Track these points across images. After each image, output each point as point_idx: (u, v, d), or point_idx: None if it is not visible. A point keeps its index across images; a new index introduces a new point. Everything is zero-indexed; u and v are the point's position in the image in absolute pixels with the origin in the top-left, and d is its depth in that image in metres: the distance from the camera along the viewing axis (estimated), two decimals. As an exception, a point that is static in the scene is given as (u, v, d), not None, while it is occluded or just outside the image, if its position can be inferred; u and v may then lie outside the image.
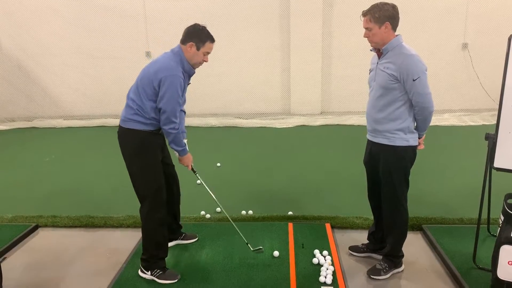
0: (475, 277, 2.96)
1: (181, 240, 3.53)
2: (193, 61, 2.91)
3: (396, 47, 2.74)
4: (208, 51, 2.92)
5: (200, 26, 2.89)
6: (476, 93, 8.03)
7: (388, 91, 2.76)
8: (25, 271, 3.28)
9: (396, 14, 2.71)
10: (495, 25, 7.74)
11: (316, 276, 3.03)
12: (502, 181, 3.30)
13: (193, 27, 2.89)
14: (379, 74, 2.80)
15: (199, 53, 2.88)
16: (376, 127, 2.88)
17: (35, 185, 5.04)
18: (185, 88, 2.93)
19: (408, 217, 3.02)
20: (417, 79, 2.65)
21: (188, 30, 2.89)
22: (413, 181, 2.98)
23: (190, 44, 2.85)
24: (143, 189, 2.97)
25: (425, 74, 2.69)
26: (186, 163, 3.13)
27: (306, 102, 8.23)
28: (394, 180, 2.87)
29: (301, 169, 5.37)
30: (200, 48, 2.87)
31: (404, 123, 2.79)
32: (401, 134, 2.80)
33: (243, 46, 8.14)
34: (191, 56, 2.88)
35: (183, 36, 2.91)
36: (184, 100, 3.05)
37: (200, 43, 2.86)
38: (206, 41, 2.88)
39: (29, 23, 8.16)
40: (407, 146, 2.82)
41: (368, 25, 2.73)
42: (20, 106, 8.55)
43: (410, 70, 2.65)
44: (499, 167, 2.85)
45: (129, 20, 8.07)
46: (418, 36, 7.69)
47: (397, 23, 2.74)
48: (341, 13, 7.82)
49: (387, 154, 2.87)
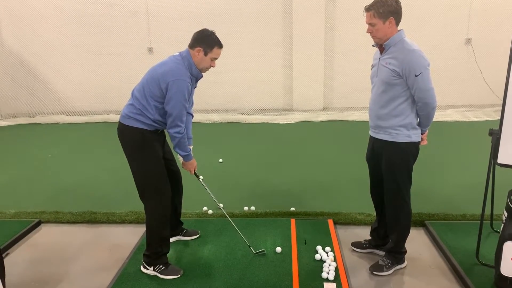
0: (478, 273, 2.95)
1: (182, 236, 3.53)
2: (200, 66, 2.91)
3: (398, 42, 2.71)
4: (216, 57, 2.93)
5: (208, 32, 2.89)
6: (480, 88, 8.00)
7: (391, 86, 2.74)
8: (28, 266, 3.29)
9: (399, 9, 2.69)
10: (499, 20, 7.71)
11: (318, 272, 3.03)
12: (505, 177, 3.29)
13: (202, 32, 2.89)
14: (381, 70, 2.78)
15: (207, 59, 2.89)
16: (379, 123, 2.86)
17: (37, 181, 5.05)
18: (192, 92, 2.95)
19: (411, 213, 3.01)
20: (420, 74, 2.63)
21: (197, 35, 2.89)
22: (415, 177, 2.96)
23: (198, 49, 2.85)
24: (145, 185, 2.97)
25: (428, 69, 2.66)
26: (189, 168, 3.15)
27: (309, 98, 8.21)
28: (397, 176, 2.86)
29: (304, 165, 5.37)
30: (208, 54, 2.87)
31: (407, 119, 2.77)
32: (404, 130, 2.78)
33: (245, 42, 8.12)
34: (199, 61, 2.89)
35: (191, 41, 2.91)
36: (192, 103, 3.09)
37: (208, 48, 2.86)
38: (214, 47, 2.88)
39: (31, 19, 8.17)
40: (410, 143, 2.80)
41: (371, 21, 2.69)
42: (22, 102, 8.57)
43: (412, 66, 2.63)
44: (502, 163, 2.83)
45: (131, 16, 8.07)
46: (422, 31, 7.65)
47: (400, 18, 2.71)
48: (343, 9, 7.80)
49: (389, 151, 2.85)
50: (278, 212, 3.97)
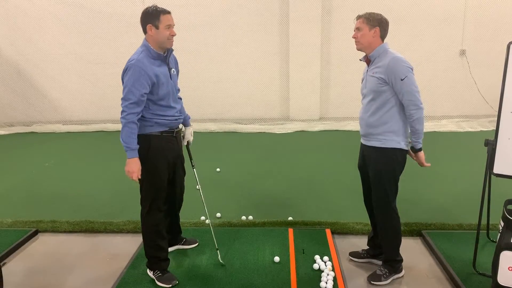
0: (475, 282, 2.97)
1: (181, 245, 3.53)
2: (160, 40, 2.81)
3: (382, 53, 2.84)
4: (169, 23, 2.80)
5: (148, 8, 2.82)
6: (474, 99, 8.08)
7: (378, 94, 2.83)
8: (25, 276, 3.27)
9: (386, 25, 2.85)
10: (493, 32, 7.81)
11: (317, 281, 3.04)
12: (501, 187, 3.32)
13: (143, 13, 2.82)
14: (369, 81, 2.90)
15: (161, 30, 2.79)
16: (369, 130, 2.93)
17: (34, 190, 5.03)
18: (157, 74, 2.81)
19: (399, 221, 3.04)
20: (405, 78, 2.72)
21: (141, 18, 2.83)
22: (412, 186, 3.00)
23: (149, 26, 2.79)
24: (145, 192, 2.99)
25: (412, 73, 2.76)
26: (131, 169, 2.79)
27: (305, 108, 8.26)
28: (384, 182, 2.92)
29: (301, 175, 5.38)
30: (159, 26, 2.78)
31: (396, 125, 2.85)
32: (393, 136, 2.86)
33: (242, 51, 8.18)
34: (156, 37, 2.80)
35: (142, 27, 2.85)
36: (177, 89, 3.04)
37: (154, 21, 2.78)
38: (159, 16, 2.78)
39: (29, 28, 8.19)
40: (398, 149, 2.87)
41: (359, 25, 2.85)
42: (19, 111, 8.56)
43: (396, 71, 2.73)
44: (498, 173, 2.87)
45: (129, 26, 8.09)
46: (417, 42, 7.75)
47: (385, 32, 2.86)
48: (339, 19, 7.88)
49: (378, 156, 2.92)
50: (276, 221, 3.98)
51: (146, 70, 2.75)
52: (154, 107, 2.88)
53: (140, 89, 2.74)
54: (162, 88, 2.86)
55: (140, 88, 2.74)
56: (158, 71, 2.83)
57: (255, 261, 3.33)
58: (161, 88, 2.85)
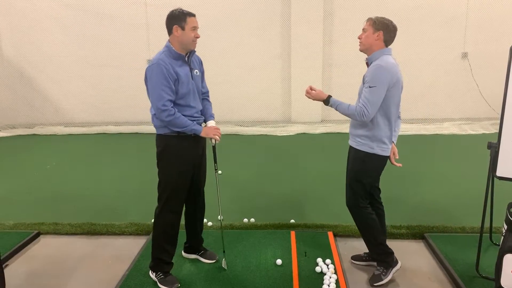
0: (478, 285, 2.96)
1: (199, 255, 3.43)
2: (185, 41, 2.87)
3: (379, 57, 2.84)
4: (194, 25, 2.87)
5: (174, 11, 2.88)
6: (476, 102, 8.08)
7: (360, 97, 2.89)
8: (27, 278, 3.27)
9: (392, 31, 2.84)
10: (495, 34, 7.82)
11: (319, 284, 3.03)
12: (504, 190, 3.31)
13: (169, 15, 2.88)
14: (361, 83, 2.95)
15: (187, 32, 2.85)
16: (350, 130, 3.05)
17: (36, 192, 5.04)
18: (178, 72, 2.86)
19: (371, 216, 3.04)
20: (373, 87, 2.74)
21: (167, 20, 2.89)
22: (414, 190, 3.00)
23: (175, 28, 2.84)
24: (161, 191, 3.01)
25: (384, 86, 2.74)
26: (211, 134, 3.02)
27: (307, 110, 8.26)
28: (352, 182, 3.01)
29: (303, 177, 5.38)
30: (185, 27, 2.84)
31: (374, 131, 2.88)
32: (367, 140, 2.91)
33: (244, 54, 8.20)
34: (181, 39, 2.86)
35: (167, 29, 2.90)
36: (199, 90, 3.10)
37: (181, 22, 2.83)
38: (186, 17, 2.84)
39: (31, 31, 8.22)
40: (372, 154, 2.91)
41: (365, 27, 2.88)
42: (21, 113, 8.58)
43: (372, 78, 2.76)
44: (501, 176, 2.86)
45: (131, 28, 8.13)
46: (419, 45, 7.75)
47: (389, 38, 2.85)
48: (341, 22, 7.88)
49: (352, 157, 3.03)
50: (278, 224, 3.97)
51: (168, 68, 2.81)
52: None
53: (168, 84, 2.81)
54: (182, 87, 2.90)
55: (167, 84, 2.81)
56: (179, 70, 2.88)
57: (257, 263, 3.32)
58: (181, 87, 2.89)
